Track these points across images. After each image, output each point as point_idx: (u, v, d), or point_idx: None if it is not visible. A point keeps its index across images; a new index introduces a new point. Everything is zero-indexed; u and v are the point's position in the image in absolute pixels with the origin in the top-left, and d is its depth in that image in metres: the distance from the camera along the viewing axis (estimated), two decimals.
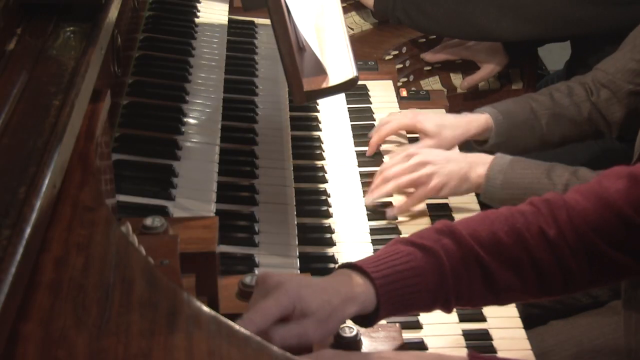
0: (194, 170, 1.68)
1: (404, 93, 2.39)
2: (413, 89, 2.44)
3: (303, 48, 1.73)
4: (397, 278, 1.29)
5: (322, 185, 1.94)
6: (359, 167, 2.03)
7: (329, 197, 1.90)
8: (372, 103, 2.31)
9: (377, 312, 1.29)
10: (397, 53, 2.59)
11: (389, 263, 1.30)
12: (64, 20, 1.37)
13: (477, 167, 1.89)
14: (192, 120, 1.82)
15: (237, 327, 0.99)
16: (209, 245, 1.29)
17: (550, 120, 2.11)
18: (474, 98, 2.70)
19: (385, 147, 2.14)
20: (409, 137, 2.17)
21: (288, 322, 1.21)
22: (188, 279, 1.21)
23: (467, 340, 1.62)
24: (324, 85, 1.70)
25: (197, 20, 2.21)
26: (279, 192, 1.82)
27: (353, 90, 2.16)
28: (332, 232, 1.81)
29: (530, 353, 1.61)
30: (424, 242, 1.33)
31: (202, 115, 1.85)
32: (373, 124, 2.18)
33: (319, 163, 2.01)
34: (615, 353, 1.76)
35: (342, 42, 1.84)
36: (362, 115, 2.24)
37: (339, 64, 1.76)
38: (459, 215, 1.92)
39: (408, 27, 2.54)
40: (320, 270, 1.65)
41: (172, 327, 0.95)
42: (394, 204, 1.93)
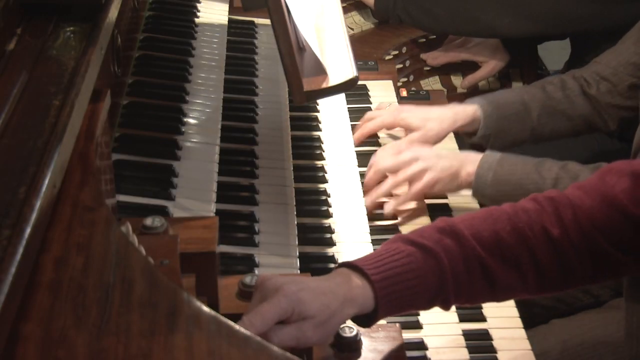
0: (194, 170, 1.68)
1: (404, 93, 2.39)
2: (413, 89, 2.44)
3: (303, 48, 1.73)
4: (396, 280, 1.29)
5: (322, 185, 1.94)
6: (359, 167, 2.03)
7: (329, 197, 1.90)
8: (372, 103, 2.31)
9: (375, 312, 1.29)
10: (397, 53, 2.59)
11: (389, 264, 1.30)
12: (64, 20, 1.37)
13: (467, 165, 1.87)
14: (192, 120, 1.82)
15: (237, 327, 0.99)
16: (209, 245, 1.29)
17: (542, 113, 2.10)
18: None
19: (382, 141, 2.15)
20: None
21: (287, 324, 1.21)
22: (188, 279, 1.21)
23: (467, 340, 1.61)
24: (324, 85, 1.70)
25: (197, 20, 2.20)
26: (279, 192, 1.81)
27: (353, 90, 2.16)
28: (332, 232, 1.81)
29: (530, 353, 1.61)
30: (425, 242, 1.33)
31: (202, 115, 1.85)
32: None
33: (319, 163, 2.00)
34: (617, 351, 1.76)
35: (342, 42, 1.84)
36: (362, 115, 2.23)
37: (339, 64, 1.76)
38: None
39: (409, 25, 2.54)
40: (320, 270, 1.64)
41: (172, 327, 0.95)
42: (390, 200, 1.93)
